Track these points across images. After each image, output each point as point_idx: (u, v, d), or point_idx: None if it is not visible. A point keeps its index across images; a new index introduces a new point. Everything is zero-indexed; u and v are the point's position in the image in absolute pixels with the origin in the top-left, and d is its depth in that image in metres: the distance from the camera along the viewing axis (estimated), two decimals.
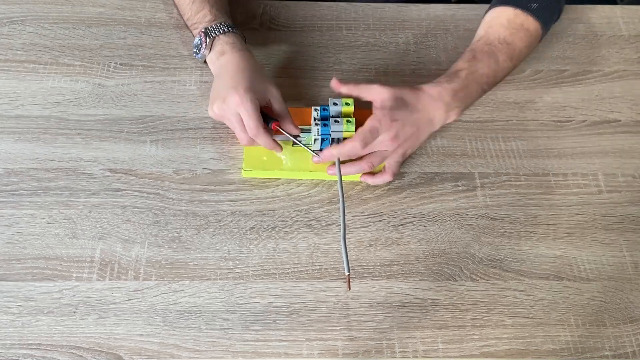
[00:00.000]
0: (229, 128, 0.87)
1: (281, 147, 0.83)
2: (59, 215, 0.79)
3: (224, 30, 0.85)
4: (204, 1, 0.89)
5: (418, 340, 0.72)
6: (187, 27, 0.91)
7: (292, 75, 0.94)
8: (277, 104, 0.83)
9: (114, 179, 0.82)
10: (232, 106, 0.80)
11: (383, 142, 0.79)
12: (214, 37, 0.85)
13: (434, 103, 0.83)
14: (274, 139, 0.81)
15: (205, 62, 0.88)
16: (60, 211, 0.79)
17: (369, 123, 0.79)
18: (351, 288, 0.74)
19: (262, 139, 0.80)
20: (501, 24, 0.89)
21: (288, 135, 0.82)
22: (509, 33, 0.88)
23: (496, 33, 0.88)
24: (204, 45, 0.86)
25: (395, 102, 0.80)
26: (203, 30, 0.86)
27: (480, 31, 0.91)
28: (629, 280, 0.78)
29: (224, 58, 0.84)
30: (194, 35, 0.88)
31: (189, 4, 0.90)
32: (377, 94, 0.81)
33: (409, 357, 0.71)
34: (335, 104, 0.82)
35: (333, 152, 0.79)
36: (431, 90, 0.83)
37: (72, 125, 0.87)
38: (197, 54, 0.87)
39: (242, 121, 0.80)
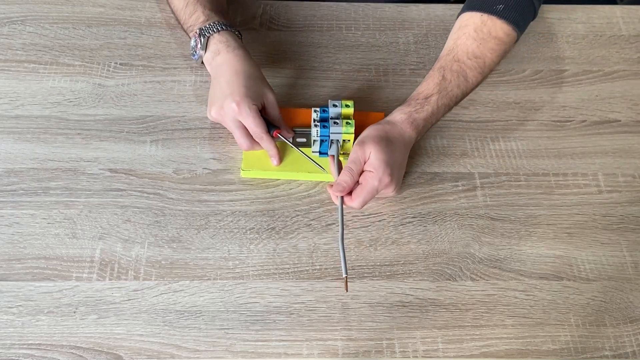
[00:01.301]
0: None
1: (280, 159, 0.83)
2: (59, 215, 0.79)
3: (217, 29, 0.85)
4: (196, 3, 0.89)
5: (418, 340, 0.72)
6: (184, 31, 0.91)
7: (292, 75, 0.94)
8: (271, 109, 0.83)
9: (114, 179, 0.82)
10: (230, 113, 0.80)
11: (384, 194, 0.80)
12: (208, 37, 0.85)
13: (408, 128, 0.81)
14: (276, 146, 0.82)
15: (202, 63, 0.88)
16: (60, 211, 0.79)
17: (369, 184, 0.76)
18: (348, 290, 0.74)
19: (266, 144, 0.81)
20: (469, 35, 0.84)
21: (287, 141, 0.83)
22: (477, 45, 0.83)
23: (464, 47, 0.84)
24: (198, 46, 0.86)
25: (386, 148, 0.77)
26: (197, 31, 0.86)
27: (450, 42, 0.86)
28: (629, 280, 0.78)
29: (219, 58, 0.84)
30: (190, 38, 0.88)
31: (183, 7, 0.90)
32: (371, 161, 0.77)
33: (409, 357, 0.71)
34: (335, 105, 0.82)
35: (335, 200, 0.78)
36: (404, 123, 0.81)
37: (72, 125, 0.87)
38: (194, 55, 0.87)
39: (241, 127, 0.81)
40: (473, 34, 0.84)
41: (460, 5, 1.04)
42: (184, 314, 0.73)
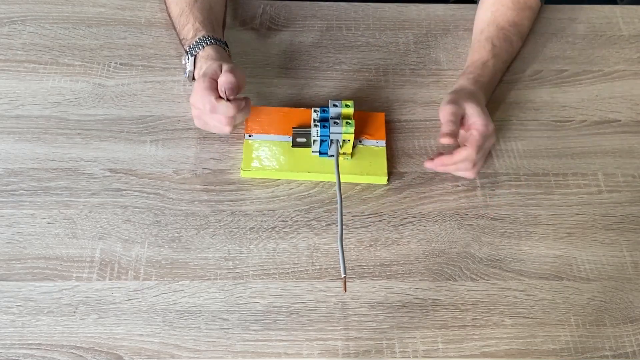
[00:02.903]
0: None
1: (231, 126, 0.80)
2: (59, 215, 0.79)
3: (202, 45, 0.85)
4: (189, 14, 0.89)
5: (418, 340, 0.72)
6: (179, 41, 0.91)
7: (292, 75, 0.94)
8: (223, 74, 0.78)
9: (114, 179, 0.82)
10: (194, 101, 0.80)
11: (490, 142, 0.82)
12: (195, 55, 0.86)
13: (477, 89, 0.86)
14: (234, 105, 0.78)
15: (193, 79, 0.88)
16: (60, 211, 0.79)
17: (481, 130, 0.79)
18: (347, 290, 0.74)
19: (222, 108, 0.78)
20: (507, 6, 0.94)
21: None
22: (516, 14, 0.94)
23: (504, 16, 0.93)
24: (188, 65, 0.87)
25: (481, 107, 0.81)
26: (186, 49, 0.87)
27: (486, 14, 0.94)
28: (629, 280, 0.78)
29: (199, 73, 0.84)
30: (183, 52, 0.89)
31: (178, 16, 0.90)
32: (470, 113, 0.80)
33: (409, 357, 0.71)
34: (335, 105, 0.82)
35: (445, 161, 0.80)
36: (473, 85, 0.86)
37: (72, 125, 0.87)
38: (185, 72, 0.88)
39: (211, 112, 0.79)
40: (511, 5, 0.94)
41: (461, 6, 1.05)
42: (184, 314, 0.73)
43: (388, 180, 0.84)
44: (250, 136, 0.85)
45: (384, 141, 0.86)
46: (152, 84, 0.92)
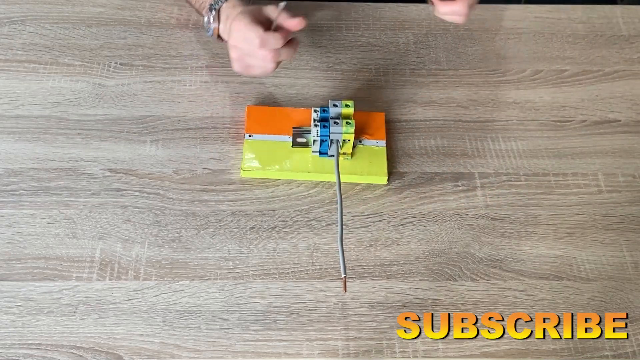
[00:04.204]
0: (228, 128, 0.88)
1: (284, 40, 0.79)
2: (59, 215, 0.79)
3: None
4: None
5: (418, 340, 0.72)
6: (197, 12, 0.91)
7: (292, 75, 0.94)
8: (275, 13, 0.80)
9: (114, 179, 0.82)
10: (236, 40, 0.79)
11: None
12: (218, 9, 0.86)
13: None
14: (283, 35, 0.79)
15: (218, 37, 0.87)
16: (60, 211, 0.79)
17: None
18: (347, 290, 0.74)
19: (272, 40, 0.78)
20: None
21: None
22: None
23: None
24: (211, 20, 0.86)
25: None
26: (207, 6, 0.87)
27: None
28: (629, 280, 0.78)
29: (229, 21, 0.83)
30: (202, 17, 0.88)
31: None
32: None
33: (409, 357, 0.71)
34: (335, 105, 0.82)
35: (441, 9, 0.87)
36: None
37: (72, 125, 0.87)
38: (209, 31, 0.88)
39: (254, 50, 0.79)
40: None
41: None
42: (184, 314, 0.73)
43: (388, 180, 0.84)
44: (250, 136, 0.85)
45: (384, 141, 0.86)
46: (152, 84, 0.92)
